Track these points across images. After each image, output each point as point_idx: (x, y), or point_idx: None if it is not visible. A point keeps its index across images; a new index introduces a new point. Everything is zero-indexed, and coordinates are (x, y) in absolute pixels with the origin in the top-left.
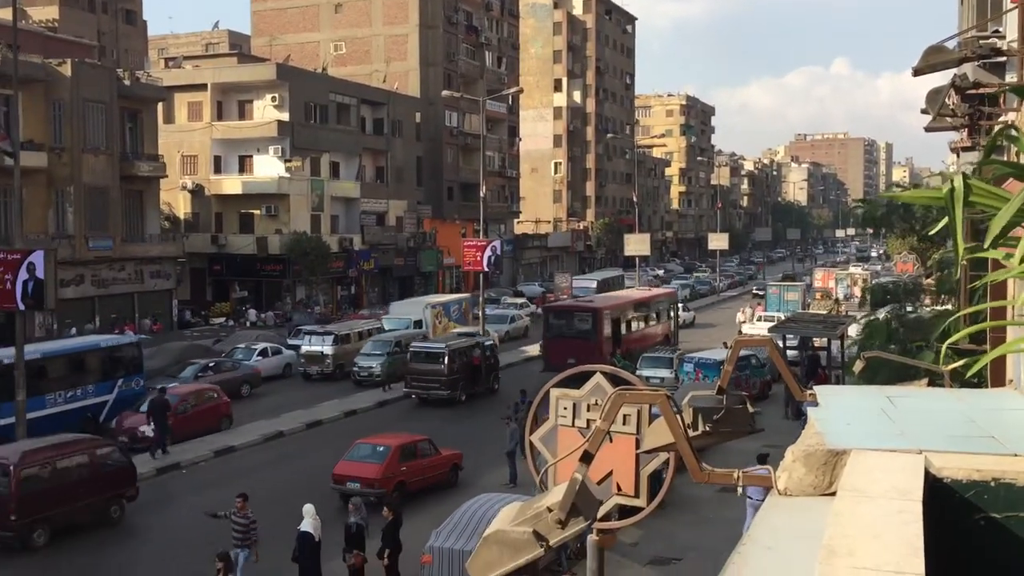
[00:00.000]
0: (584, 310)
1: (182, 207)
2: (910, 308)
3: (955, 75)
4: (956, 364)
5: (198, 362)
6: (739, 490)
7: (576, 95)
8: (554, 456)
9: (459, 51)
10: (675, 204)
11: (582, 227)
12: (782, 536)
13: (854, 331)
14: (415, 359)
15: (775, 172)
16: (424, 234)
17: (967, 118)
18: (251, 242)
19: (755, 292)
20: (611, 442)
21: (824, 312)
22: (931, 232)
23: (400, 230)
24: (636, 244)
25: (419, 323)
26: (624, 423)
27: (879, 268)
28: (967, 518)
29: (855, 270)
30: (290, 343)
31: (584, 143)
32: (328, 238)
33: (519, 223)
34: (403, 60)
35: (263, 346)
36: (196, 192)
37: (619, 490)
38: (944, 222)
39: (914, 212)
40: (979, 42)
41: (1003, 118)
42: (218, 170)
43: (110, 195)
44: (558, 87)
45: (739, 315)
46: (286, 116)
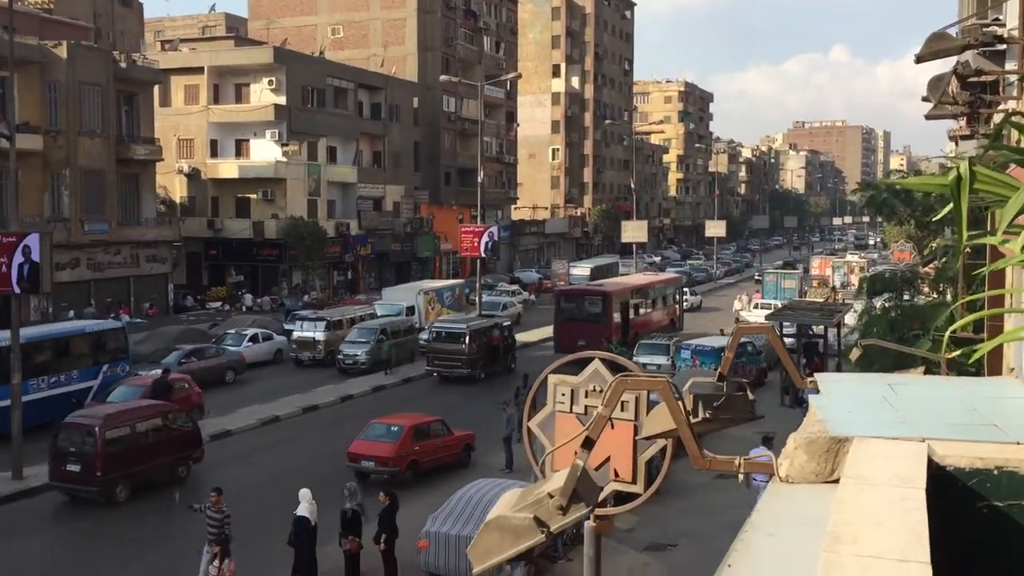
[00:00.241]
0: (595, 294)
1: (178, 191)
2: (907, 297)
3: (957, 62)
4: (956, 352)
5: (183, 347)
6: (740, 477)
7: (574, 81)
8: (551, 442)
9: (457, 36)
10: (672, 191)
11: (579, 213)
12: (784, 523)
13: (851, 319)
14: (437, 339)
15: (773, 160)
16: (421, 219)
17: (967, 106)
18: (247, 226)
19: (757, 278)
20: (612, 428)
21: (821, 300)
22: (936, 219)
23: (397, 215)
24: (633, 231)
25: (412, 309)
26: (622, 409)
27: (876, 256)
28: (969, 506)
29: (852, 258)
30: (287, 328)
31: (582, 129)
32: (325, 223)
33: (516, 209)
34: (401, 44)
35: (253, 332)
36: (192, 176)
37: (616, 476)
38: (948, 209)
39: (915, 199)
40: (982, 30)
41: (1002, 106)
42: (214, 154)
43: (106, 178)
44: (556, 73)
45: (736, 303)
46: (283, 100)
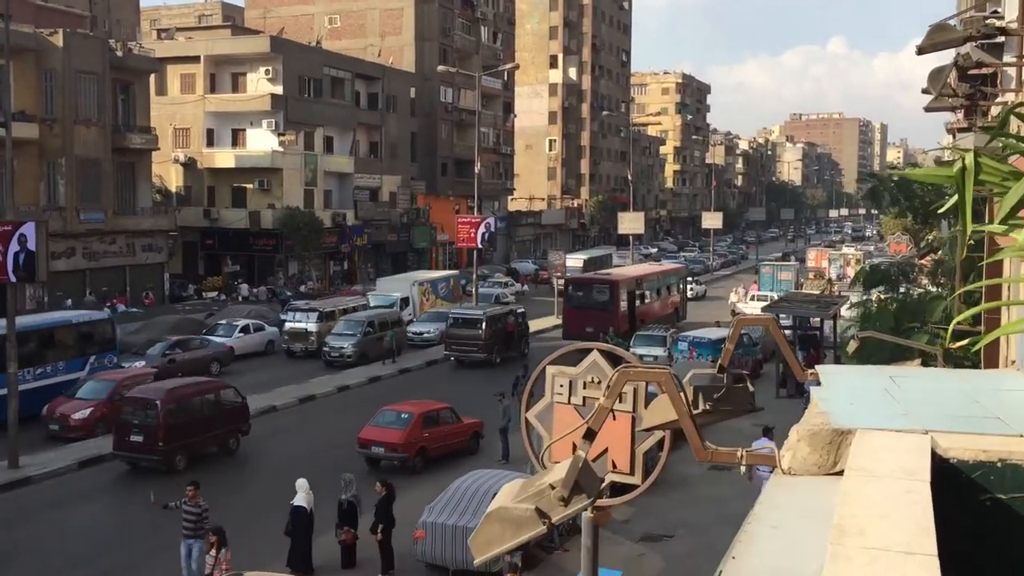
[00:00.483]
0: (603, 282)
1: (174, 180)
2: (903, 289)
3: (958, 54)
4: (962, 343)
5: (170, 339)
6: (742, 469)
7: (572, 72)
8: (549, 433)
9: (454, 26)
10: (669, 183)
11: (576, 205)
12: (787, 515)
13: (847, 311)
14: (455, 324)
15: (770, 152)
16: (418, 210)
17: (967, 99)
18: (244, 216)
19: (758, 268)
20: (614, 419)
21: (817, 292)
22: (940, 210)
23: (394, 206)
24: (630, 222)
25: (406, 300)
26: (620, 401)
27: (872, 249)
28: (973, 499)
29: (848, 250)
30: (283, 318)
31: (579, 120)
32: (321, 213)
33: (513, 200)
34: (398, 35)
35: (245, 322)
36: (188, 165)
37: (614, 467)
38: (953, 200)
39: (913, 192)
40: (984, 21)
41: (1000, 99)
42: (211, 143)
43: (102, 167)
44: (554, 63)
45: (732, 295)
46: (280, 89)
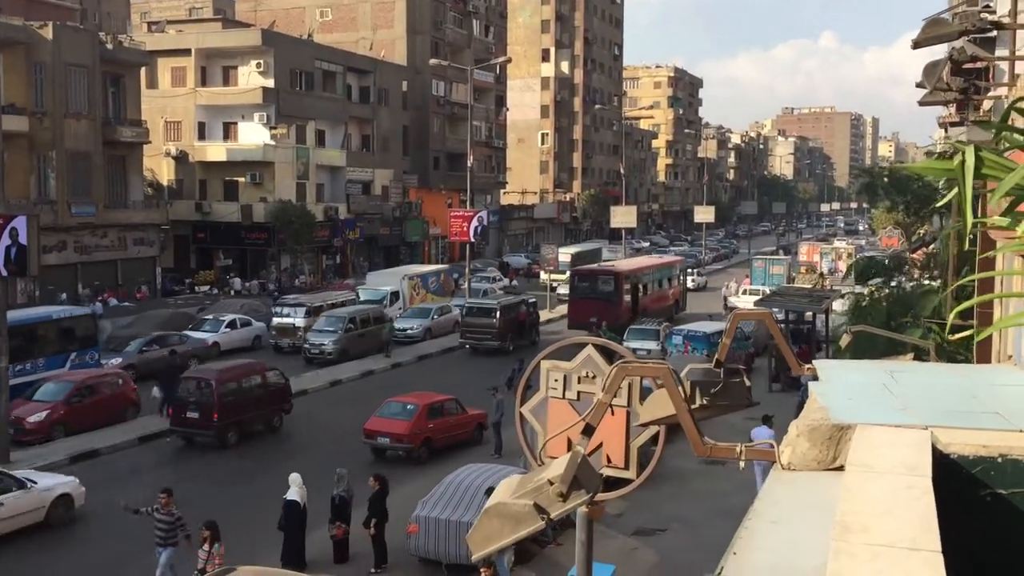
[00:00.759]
0: (607, 274)
1: (166, 174)
2: (894, 284)
3: (952, 48)
4: (962, 335)
5: (149, 335)
6: (741, 464)
7: (564, 65)
8: (543, 427)
9: (446, 19)
10: (662, 176)
11: (568, 198)
12: (788, 510)
13: (839, 305)
14: (470, 314)
15: (762, 145)
16: (410, 204)
17: (960, 93)
18: (235, 210)
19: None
20: (613, 414)
21: (809, 286)
22: (939, 204)
23: (386, 199)
24: (622, 216)
25: (396, 294)
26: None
27: (863, 243)
28: (973, 494)
29: (840, 244)
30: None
31: (571, 114)
32: (313, 207)
33: (505, 194)
34: (390, 28)
35: (232, 317)
36: (180, 159)
37: (609, 462)
38: (953, 193)
39: (907, 187)
40: (979, 15)
41: (992, 93)
42: (202, 137)
43: (93, 160)
44: (546, 57)
45: (723, 289)
46: (271, 83)
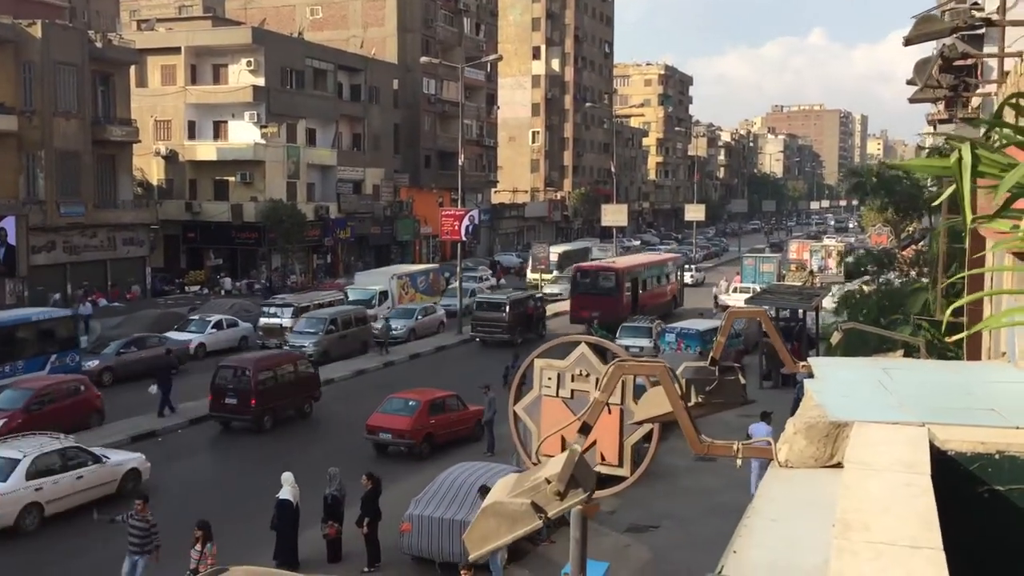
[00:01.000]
0: (608, 270)
1: (155, 173)
2: (883, 280)
3: (943, 46)
4: (960, 336)
5: (127, 337)
6: (738, 462)
7: (555, 63)
8: (537, 425)
9: (437, 17)
10: (652, 175)
11: (559, 197)
12: (786, 508)
13: (828, 302)
14: (480, 308)
15: (751, 143)
16: (401, 203)
17: (950, 90)
18: (226, 209)
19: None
20: (609, 413)
21: (799, 284)
22: (936, 203)
23: (377, 198)
24: (613, 214)
25: (385, 294)
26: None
27: (853, 240)
28: (971, 490)
29: (829, 242)
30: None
31: (562, 112)
32: (304, 206)
33: (496, 192)
34: (380, 26)
35: (218, 318)
36: (170, 158)
37: (602, 460)
38: (951, 191)
39: (896, 187)
40: (970, 12)
41: (981, 90)
42: (192, 136)
43: (82, 160)
44: (537, 55)
45: (713, 288)
46: (262, 81)
